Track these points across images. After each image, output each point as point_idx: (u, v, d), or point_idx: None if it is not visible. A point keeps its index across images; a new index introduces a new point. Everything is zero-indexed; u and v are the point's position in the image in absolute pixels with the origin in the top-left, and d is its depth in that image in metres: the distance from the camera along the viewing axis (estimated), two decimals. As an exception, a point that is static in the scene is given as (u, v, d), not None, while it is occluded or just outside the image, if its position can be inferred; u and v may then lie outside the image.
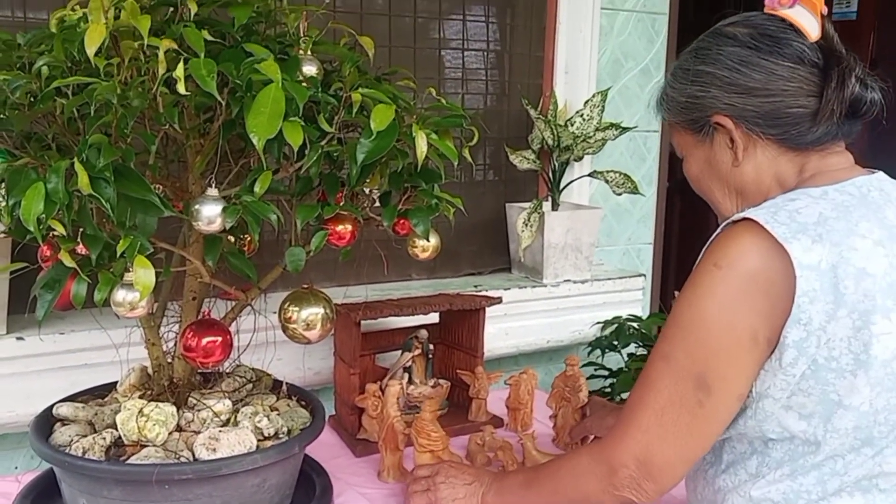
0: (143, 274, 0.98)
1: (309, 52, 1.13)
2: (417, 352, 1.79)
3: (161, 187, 1.22)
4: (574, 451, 1.22)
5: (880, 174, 1.12)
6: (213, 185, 1.06)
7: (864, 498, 1.04)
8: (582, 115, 2.19)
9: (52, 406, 1.32)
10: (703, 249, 1.06)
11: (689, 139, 1.17)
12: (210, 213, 1.04)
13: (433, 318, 1.87)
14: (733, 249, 1.01)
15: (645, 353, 2.06)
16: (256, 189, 1.04)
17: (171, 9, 1.09)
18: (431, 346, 1.82)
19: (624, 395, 1.89)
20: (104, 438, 1.22)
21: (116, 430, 1.23)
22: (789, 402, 1.03)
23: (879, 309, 0.97)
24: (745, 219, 1.01)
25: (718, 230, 1.06)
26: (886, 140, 2.65)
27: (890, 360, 0.99)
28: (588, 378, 1.83)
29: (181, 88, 0.91)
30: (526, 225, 2.15)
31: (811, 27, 1.07)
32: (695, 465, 1.14)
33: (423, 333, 1.79)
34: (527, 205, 2.19)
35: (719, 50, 1.10)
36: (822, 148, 1.09)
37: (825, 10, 1.09)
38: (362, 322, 1.65)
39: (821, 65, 1.06)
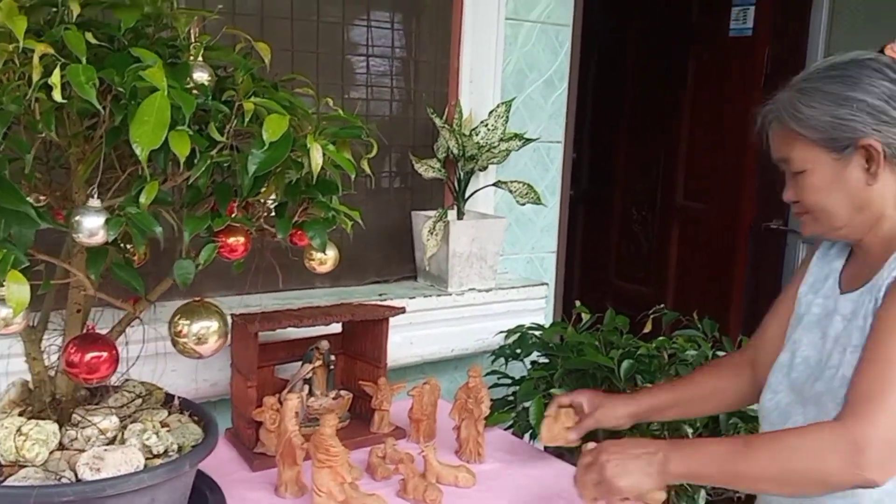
0: (17, 290, 0.93)
1: (200, 58, 1.09)
2: (318, 363, 1.76)
3: (42, 196, 1.17)
4: (811, 427, 1.22)
5: None
6: (96, 196, 1.01)
7: None
8: (486, 125, 2.20)
9: (-78, 425, 1.24)
10: None
11: (822, 156, 1.28)
12: (91, 226, 0.99)
13: (335, 327, 1.85)
14: None
15: (547, 361, 2.08)
16: (142, 200, 1.00)
17: (54, 9, 1.04)
18: (333, 357, 1.79)
19: (526, 404, 1.91)
20: (-22, 459, 1.15)
21: (-8, 450, 1.16)
22: None
23: None
24: None
25: None
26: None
27: None
28: (491, 387, 1.84)
29: (57, 96, 0.87)
30: (431, 233, 2.15)
31: None
32: None
33: (325, 344, 1.77)
34: (432, 213, 2.19)
35: (871, 82, 1.24)
36: None
37: None
38: (261, 333, 1.61)
39: None
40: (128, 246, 1.26)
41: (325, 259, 1.25)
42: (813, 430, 1.20)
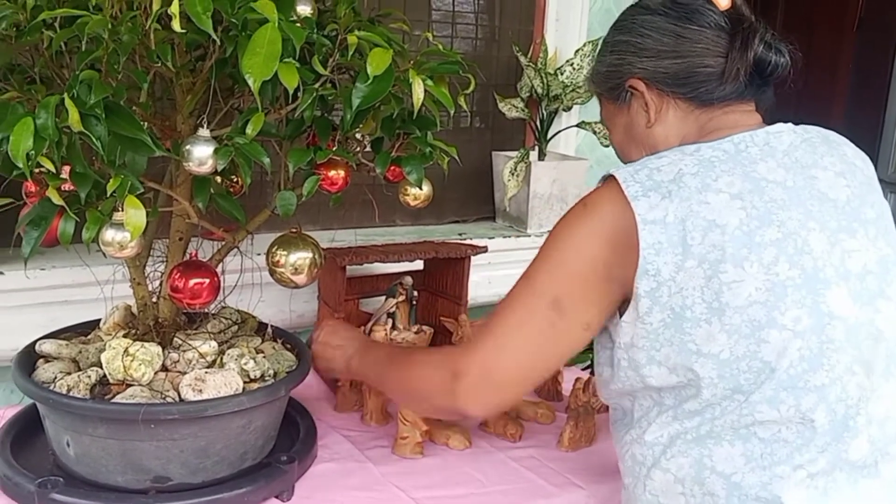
0: (134, 214, 0.97)
1: (303, -8, 1.10)
2: (401, 298, 1.78)
3: (149, 125, 1.20)
4: (432, 349, 1.28)
5: (777, 126, 1.15)
6: (205, 126, 1.04)
7: (743, 446, 1.05)
8: (572, 65, 2.17)
9: (35, 342, 1.31)
10: None
11: (612, 108, 1.25)
12: (201, 154, 1.02)
13: (417, 264, 1.87)
14: (598, 199, 1.08)
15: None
16: (248, 131, 1.03)
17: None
18: (415, 293, 1.82)
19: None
20: (89, 377, 1.21)
21: (101, 368, 1.22)
22: (658, 355, 1.07)
23: (730, 258, 1.01)
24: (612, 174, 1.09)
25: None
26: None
27: (744, 306, 1.01)
28: (569, 328, 1.85)
29: (176, 26, 0.89)
30: (513, 174, 2.14)
31: None
32: (617, 428, 1.20)
33: (408, 280, 1.79)
34: (513, 154, 2.18)
35: (633, 19, 1.19)
36: (726, 105, 1.15)
37: None
38: (348, 267, 1.64)
39: (728, 29, 1.13)
40: (228, 178, 1.30)
41: (420, 195, 1.26)
42: (433, 352, 1.26)
